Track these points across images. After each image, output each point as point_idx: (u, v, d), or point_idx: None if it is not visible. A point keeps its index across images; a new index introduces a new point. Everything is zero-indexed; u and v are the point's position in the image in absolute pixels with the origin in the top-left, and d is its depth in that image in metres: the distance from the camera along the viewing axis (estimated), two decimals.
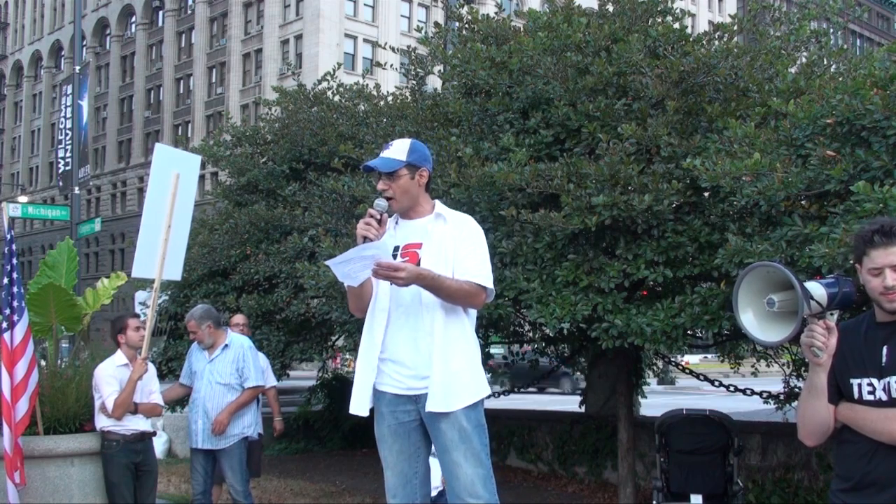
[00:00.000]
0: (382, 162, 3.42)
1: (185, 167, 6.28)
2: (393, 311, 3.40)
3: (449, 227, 3.44)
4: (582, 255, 5.75)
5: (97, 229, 17.35)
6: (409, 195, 3.44)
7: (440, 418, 3.31)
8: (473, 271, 3.35)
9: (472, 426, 3.32)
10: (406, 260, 3.35)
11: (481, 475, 3.29)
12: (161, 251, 5.99)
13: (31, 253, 60.42)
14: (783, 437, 7.87)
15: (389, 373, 3.40)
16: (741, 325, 2.61)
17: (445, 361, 3.31)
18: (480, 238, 3.47)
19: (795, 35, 6.88)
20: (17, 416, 5.36)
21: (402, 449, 3.41)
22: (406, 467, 3.41)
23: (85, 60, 31.69)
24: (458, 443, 3.29)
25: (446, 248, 3.38)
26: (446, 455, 3.32)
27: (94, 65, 58.34)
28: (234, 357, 6.10)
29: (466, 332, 3.42)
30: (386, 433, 3.42)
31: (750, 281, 2.58)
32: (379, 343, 3.41)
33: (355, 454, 11.69)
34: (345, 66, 25.37)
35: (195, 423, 6.07)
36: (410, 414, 3.39)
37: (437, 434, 3.34)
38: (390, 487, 3.42)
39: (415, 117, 7.66)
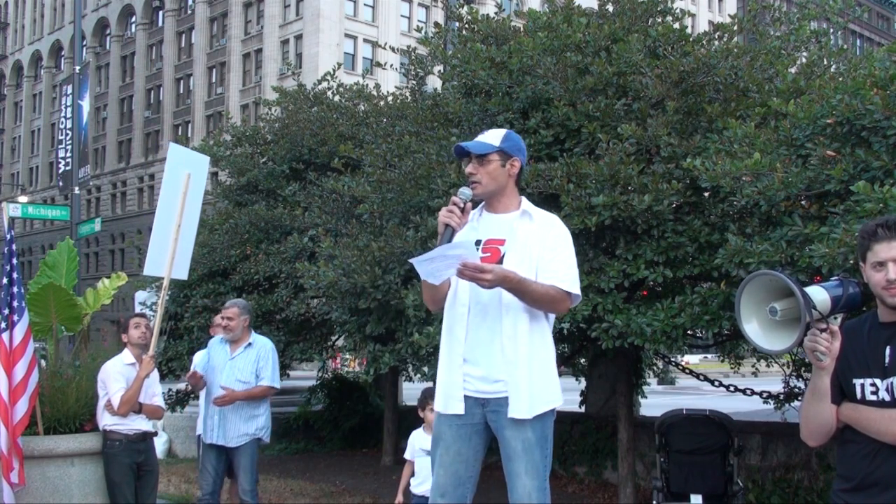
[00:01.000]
0: (476, 144, 3.36)
1: (195, 167, 6.28)
2: (473, 308, 3.31)
3: (535, 226, 3.36)
4: (582, 256, 5.75)
5: (97, 229, 17.34)
6: (497, 182, 3.35)
7: (506, 425, 3.26)
8: (560, 276, 3.27)
9: (536, 438, 3.27)
10: (488, 255, 3.27)
11: (537, 487, 3.26)
12: (171, 250, 6.00)
13: (31, 253, 60.42)
14: (783, 437, 7.87)
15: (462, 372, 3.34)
16: (745, 334, 2.60)
17: (529, 367, 3.25)
18: (568, 240, 3.41)
19: (795, 35, 6.88)
20: (16, 416, 5.36)
21: (461, 451, 3.34)
22: (462, 469, 3.34)
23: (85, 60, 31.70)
24: (520, 453, 3.25)
25: (531, 248, 3.29)
26: (509, 463, 3.29)
27: (94, 65, 58.34)
28: (256, 357, 6.06)
29: (546, 338, 3.35)
30: (448, 433, 3.34)
31: (752, 289, 2.57)
32: (462, 340, 3.31)
33: (355, 454, 11.68)
34: (345, 66, 25.40)
35: (211, 418, 6.00)
36: (476, 417, 3.32)
37: (503, 441, 3.29)
38: (440, 485, 3.35)
39: (415, 117, 7.66)
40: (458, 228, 3.21)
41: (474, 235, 3.35)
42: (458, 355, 3.31)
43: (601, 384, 9.72)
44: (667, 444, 6.34)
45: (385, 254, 6.50)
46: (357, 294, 6.73)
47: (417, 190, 6.65)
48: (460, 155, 3.43)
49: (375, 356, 7.00)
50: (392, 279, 6.49)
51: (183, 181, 6.09)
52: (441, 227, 3.21)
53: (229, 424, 5.98)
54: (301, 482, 9.39)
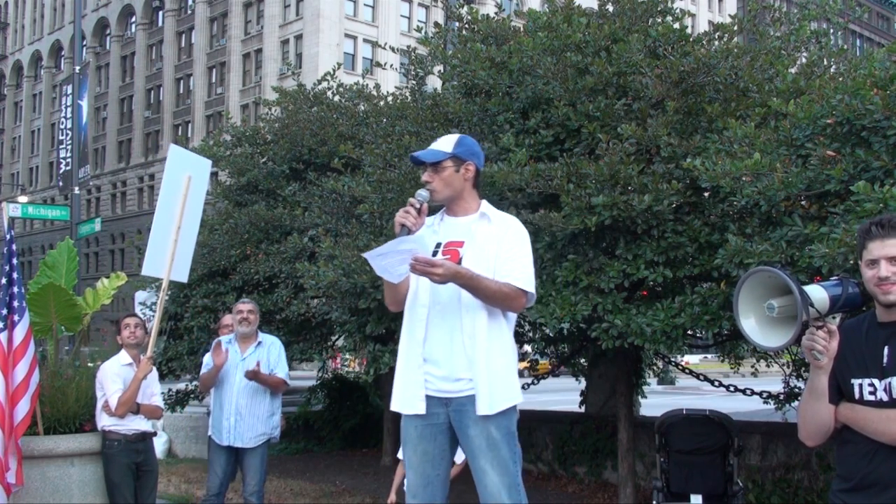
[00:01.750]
0: (428, 152, 3.42)
1: (196, 170, 6.28)
2: (432, 308, 3.34)
3: (493, 228, 3.41)
4: (582, 256, 5.75)
5: (97, 229, 17.35)
6: (452, 187, 3.41)
7: (469, 424, 3.28)
8: (515, 274, 3.31)
9: (501, 434, 3.29)
10: (447, 258, 3.30)
11: (507, 483, 3.26)
12: (170, 252, 6.00)
13: (31, 253, 60.42)
14: (783, 437, 7.87)
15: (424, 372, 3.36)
16: (742, 330, 2.61)
17: (489, 364, 3.27)
18: (525, 241, 3.44)
19: (795, 35, 6.87)
20: (18, 416, 5.36)
21: (427, 451, 3.36)
22: (429, 469, 3.37)
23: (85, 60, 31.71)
24: (485, 450, 3.27)
25: (488, 249, 3.34)
26: (474, 461, 3.30)
27: (94, 65, 58.36)
28: (268, 354, 6.07)
29: (505, 335, 3.38)
30: (413, 434, 3.37)
31: (750, 286, 2.58)
32: (421, 340, 3.34)
33: (355, 454, 11.69)
34: (345, 66, 25.41)
35: (226, 419, 5.94)
36: (440, 416, 3.34)
37: (466, 440, 3.32)
38: (411, 487, 3.39)
39: (415, 117, 7.66)
40: (414, 229, 3.26)
41: (435, 239, 3.42)
42: (418, 355, 3.35)
43: (601, 384, 9.72)
44: (667, 444, 6.33)
45: None
46: (357, 294, 6.73)
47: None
48: (416, 163, 3.49)
49: (375, 356, 7.00)
50: None
51: (183, 183, 6.08)
52: (397, 227, 3.25)
53: (246, 425, 5.95)
54: (301, 482, 9.39)
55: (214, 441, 6.03)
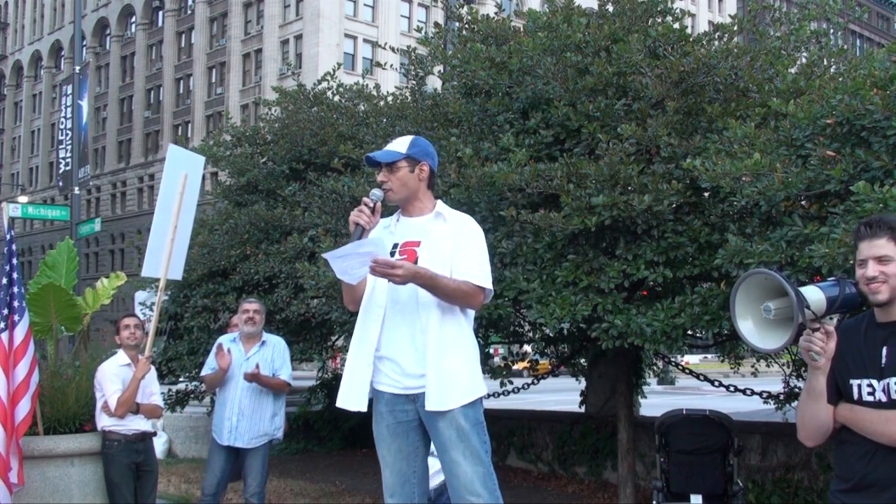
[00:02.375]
0: (383, 153, 3.47)
1: (192, 168, 6.30)
2: (389, 308, 3.39)
3: (448, 227, 3.45)
4: (582, 256, 5.75)
5: (97, 229, 17.35)
6: (407, 188, 3.46)
7: (437, 417, 3.31)
8: (472, 272, 3.35)
9: (470, 424, 3.32)
10: (404, 258, 3.35)
11: (481, 473, 3.29)
12: (167, 251, 6.01)
13: (31, 253, 60.42)
14: (783, 437, 7.87)
15: (387, 371, 3.39)
16: (740, 332, 2.61)
17: (440, 360, 3.31)
18: (480, 238, 3.48)
19: (795, 35, 6.87)
20: (18, 416, 5.36)
21: (401, 448, 3.40)
22: (404, 466, 3.41)
23: (85, 60, 31.71)
24: (456, 441, 3.29)
25: (444, 248, 3.39)
26: (445, 454, 3.32)
27: (94, 65, 58.36)
28: (272, 354, 6.05)
29: (463, 331, 3.42)
30: (385, 432, 3.42)
31: (747, 288, 2.59)
32: (374, 340, 3.39)
33: (355, 454, 11.69)
34: (345, 66, 25.41)
35: (228, 419, 5.93)
36: (409, 413, 3.39)
37: (436, 433, 3.34)
38: (388, 486, 3.42)
39: (415, 117, 7.66)
40: (368, 227, 3.31)
41: (392, 239, 3.46)
42: (369, 354, 3.39)
43: (601, 384, 9.72)
44: (667, 444, 6.33)
45: None
46: None
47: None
48: (372, 165, 3.53)
49: None
50: None
51: (180, 182, 6.09)
52: (352, 226, 3.30)
53: (248, 425, 5.92)
54: (301, 482, 9.39)
55: (215, 440, 6.02)
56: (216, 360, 5.95)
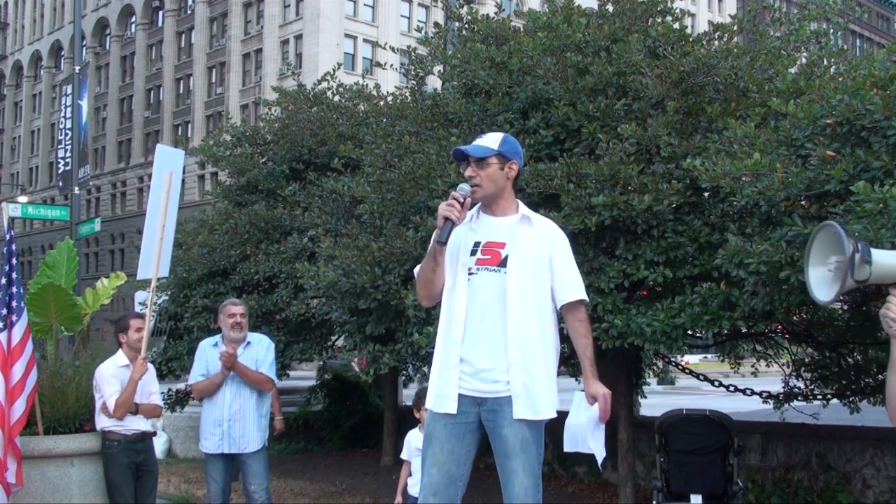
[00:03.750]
0: (474, 147, 3.42)
1: (175, 164, 6.32)
2: (471, 308, 3.35)
3: (535, 232, 3.44)
4: (582, 255, 5.75)
5: (97, 229, 17.34)
6: (496, 185, 3.42)
7: (505, 424, 3.30)
8: (575, 286, 3.42)
9: (533, 437, 3.34)
10: (488, 258, 3.34)
11: (533, 485, 3.32)
12: (157, 250, 6.01)
13: (31, 253, 60.41)
14: (783, 437, 7.87)
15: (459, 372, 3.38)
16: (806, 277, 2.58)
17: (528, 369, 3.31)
18: (569, 247, 3.53)
19: (795, 35, 6.87)
20: (13, 416, 5.35)
21: (454, 449, 3.38)
22: (454, 468, 3.38)
23: (85, 60, 31.70)
24: (518, 452, 3.30)
25: (532, 251, 3.38)
26: (506, 461, 3.32)
27: (94, 65, 58.33)
28: (256, 353, 5.80)
29: (549, 340, 3.43)
30: (442, 431, 3.38)
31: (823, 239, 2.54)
32: (459, 339, 3.36)
33: (355, 454, 11.68)
34: (345, 66, 25.37)
35: (219, 426, 5.67)
36: (470, 416, 3.37)
37: (499, 440, 3.34)
38: (433, 484, 3.37)
39: (415, 117, 7.66)
40: (458, 223, 3.28)
41: (473, 237, 3.40)
42: (455, 355, 3.36)
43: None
44: (667, 444, 6.34)
45: (385, 254, 6.50)
46: (357, 294, 6.73)
47: (417, 190, 6.65)
48: (459, 158, 3.49)
49: (375, 356, 7.00)
50: (392, 279, 6.49)
51: (166, 180, 6.11)
52: (440, 220, 3.26)
53: (242, 430, 5.68)
54: (301, 482, 9.39)
55: (206, 451, 5.77)
56: (222, 362, 5.65)
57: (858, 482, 7.19)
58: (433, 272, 3.35)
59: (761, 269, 4.70)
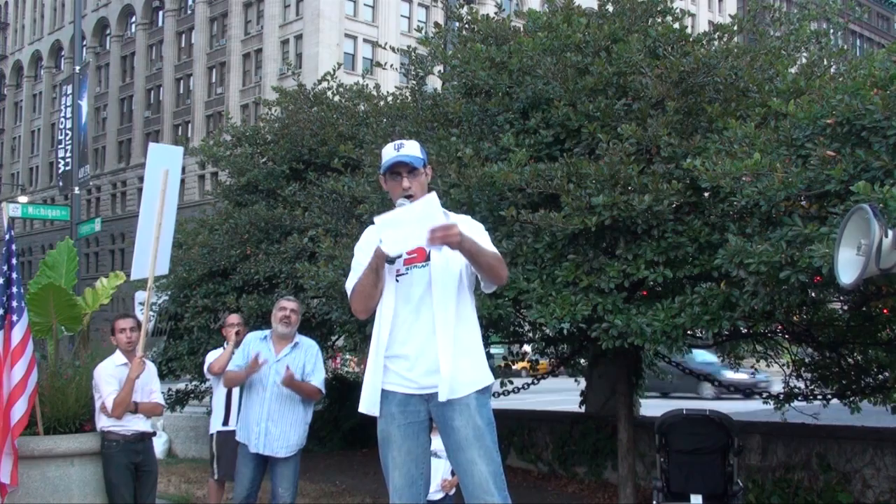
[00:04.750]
0: (413, 158, 3.48)
1: (172, 162, 6.30)
2: (400, 308, 3.40)
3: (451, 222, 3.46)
4: (582, 256, 5.75)
5: (97, 229, 17.35)
6: (423, 191, 3.52)
7: (454, 416, 3.32)
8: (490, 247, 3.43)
9: (484, 423, 3.35)
10: (414, 256, 3.39)
11: (493, 472, 3.31)
12: (153, 249, 6.00)
13: (31, 253, 60.40)
14: (783, 437, 7.87)
15: (399, 371, 3.39)
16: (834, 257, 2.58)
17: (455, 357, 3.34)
18: (485, 231, 3.56)
19: (795, 35, 6.88)
20: (14, 416, 5.35)
21: (411, 449, 3.40)
22: (413, 468, 3.40)
23: (85, 60, 31.67)
24: (472, 441, 3.31)
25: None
26: (461, 453, 3.33)
27: (94, 65, 58.32)
28: (304, 358, 5.65)
29: (474, 327, 3.48)
30: (395, 433, 3.40)
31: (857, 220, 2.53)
32: (385, 343, 3.40)
33: (355, 454, 11.68)
34: (345, 66, 25.37)
35: (257, 425, 5.53)
36: (420, 414, 3.40)
37: (451, 432, 3.35)
38: (397, 488, 3.39)
39: (415, 117, 7.66)
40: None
41: None
42: (381, 356, 3.41)
43: (601, 384, 9.72)
44: (667, 444, 6.34)
45: None
46: None
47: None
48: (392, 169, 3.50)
49: None
50: None
51: (161, 178, 6.09)
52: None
53: (278, 433, 5.53)
54: (301, 482, 9.31)
55: (244, 447, 5.64)
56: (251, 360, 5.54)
57: (858, 482, 7.19)
58: (374, 287, 3.38)
59: (761, 269, 4.70)
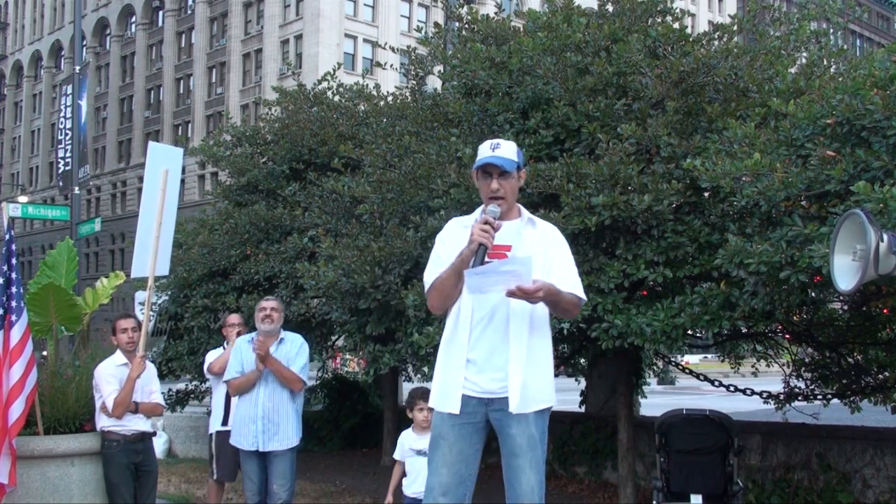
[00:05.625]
0: (505, 161, 3.42)
1: (172, 162, 6.30)
2: (476, 311, 3.41)
3: (538, 234, 3.52)
4: (582, 256, 5.75)
5: (97, 229, 17.34)
6: (515, 195, 3.51)
7: (511, 423, 3.36)
8: (572, 283, 3.44)
9: (539, 434, 3.40)
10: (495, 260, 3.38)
11: (538, 481, 3.38)
12: (154, 249, 5.99)
13: (31, 253, 60.40)
14: (783, 437, 7.86)
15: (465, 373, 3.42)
16: (831, 265, 2.58)
17: (527, 368, 3.37)
18: (567, 247, 3.58)
19: (795, 35, 6.87)
20: (12, 416, 5.34)
21: (463, 450, 3.43)
22: (463, 469, 3.44)
23: (85, 60, 31.68)
24: (525, 449, 3.36)
25: (536, 254, 3.41)
26: (513, 459, 3.38)
27: (94, 65, 58.33)
28: (288, 352, 5.69)
29: (548, 343, 3.51)
30: (450, 433, 3.43)
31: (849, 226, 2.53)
32: (465, 343, 3.42)
33: (355, 454, 11.68)
34: (345, 66, 25.36)
35: (252, 423, 5.58)
36: (478, 416, 3.43)
37: (507, 438, 3.39)
38: (442, 485, 3.41)
39: (415, 117, 7.66)
40: (490, 248, 3.30)
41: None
42: (461, 356, 3.42)
43: (601, 384, 9.71)
44: (667, 444, 6.33)
45: (385, 254, 6.50)
46: (357, 294, 6.73)
47: (417, 190, 6.65)
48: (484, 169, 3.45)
49: (375, 356, 7.00)
50: (392, 279, 6.49)
51: (161, 178, 6.08)
52: (474, 244, 3.26)
53: (275, 428, 5.59)
54: (301, 482, 9.36)
55: (241, 449, 5.69)
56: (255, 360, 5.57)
57: (858, 482, 7.19)
58: (455, 287, 3.40)
59: (761, 269, 4.70)
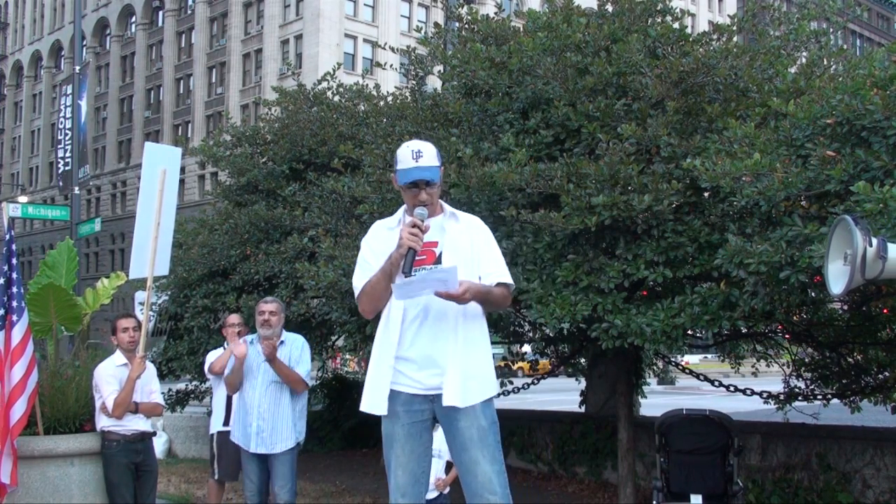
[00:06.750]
0: (432, 172, 3.43)
1: (170, 162, 6.29)
2: (409, 310, 3.42)
3: (462, 226, 3.53)
4: (582, 256, 5.75)
5: (97, 229, 17.35)
6: (438, 196, 3.54)
7: (459, 417, 3.36)
8: (500, 272, 3.47)
9: (488, 424, 3.40)
10: (424, 258, 3.41)
11: (497, 472, 3.37)
12: (152, 249, 5.99)
13: (31, 253, 60.40)
14: (783, 437, 7.87)
15: (406, 372, 3.42)
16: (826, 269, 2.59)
17: (464, 360, 3.38)
18: (492, 236, 3.59)
19: (795, 35, 6.88)
20: (14, 416, 5.34)
21: (414, 449, 3.44)
22: (416, 467, 3.45)
23: (85, 60, 31.69)
24: (476, 441, 3.36)
25: (462, 247, 3.46)
26: (465, 453, 3.38)
27: (94, 65, 58.34)
28: (290, 353, 5.64)
29: (484, 333, 3.52)
30: (400, 433, 3.44)
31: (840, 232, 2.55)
32: (396, 342, 3.42)
33: (355, 454, 11.69)
34: (345, 66, 25.40)
35: (249, 425, 5.55)
36: (424, 413, 3.44)
37: (456, 432, 3.39)
38: (400, 486, 3.44)
39: (415, 117, 7.66)
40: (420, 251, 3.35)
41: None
42: (390, 356, 3.43)
43: (601, 384, 9.72)
44: (667, 444, 6.33)
45: None
46: None
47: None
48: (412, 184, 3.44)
49: None
50: None
51: (159, 178, 6.08)
52: (404, 248, 3.30)
53: (271, 430, 5.54)
54: (301, 482, 9.36)
55: (244, 449, 5.65)
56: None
57: (858, 482, 7.19)
58: (386, 290, 3.41)
59: (761, 269, 4.70)
